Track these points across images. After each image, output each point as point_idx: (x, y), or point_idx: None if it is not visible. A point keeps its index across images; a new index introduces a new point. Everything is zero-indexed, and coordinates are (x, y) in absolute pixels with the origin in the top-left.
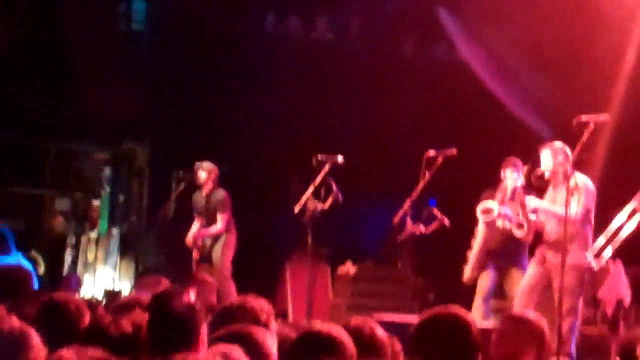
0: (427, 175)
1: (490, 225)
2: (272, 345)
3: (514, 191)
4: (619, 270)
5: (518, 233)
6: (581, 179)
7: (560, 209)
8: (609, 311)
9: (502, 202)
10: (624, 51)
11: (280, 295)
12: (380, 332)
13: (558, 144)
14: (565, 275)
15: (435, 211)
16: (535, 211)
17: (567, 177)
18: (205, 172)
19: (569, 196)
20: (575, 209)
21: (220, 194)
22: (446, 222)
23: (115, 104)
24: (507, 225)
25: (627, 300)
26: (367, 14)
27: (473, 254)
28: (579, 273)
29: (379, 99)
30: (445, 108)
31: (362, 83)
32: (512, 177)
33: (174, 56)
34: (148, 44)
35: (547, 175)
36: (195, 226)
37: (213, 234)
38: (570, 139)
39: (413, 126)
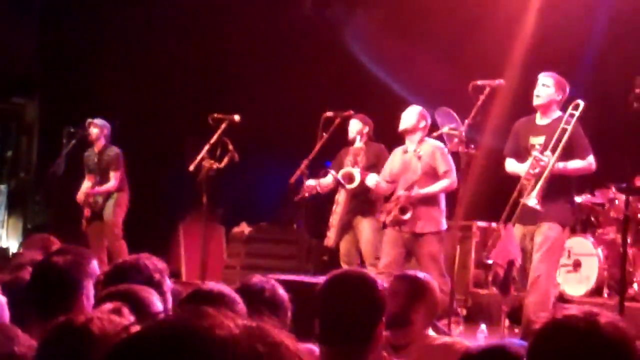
0: (324, 136)
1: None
2: (157, 303)
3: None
4: (510, 233)
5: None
6: (435, 143)
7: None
8: (501, 273)
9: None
10: (520, 17)
11: (174, 255)
12: (281, 291)
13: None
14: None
15: (332, 171)
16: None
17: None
18: (97, 128)
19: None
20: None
21: (113, 151)
22: (342, 182)
23: (4, 57)
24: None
25: (518, 261)
26: None
27: (335, 219)
28: (439, 238)
29: (276, 59)
30: (342, 69)
31: (259, 42)
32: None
33: (66, 8)
34: None
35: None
36: (87, 184)
37: (105, 191)
38: (467, 103)
39: (310, 87)
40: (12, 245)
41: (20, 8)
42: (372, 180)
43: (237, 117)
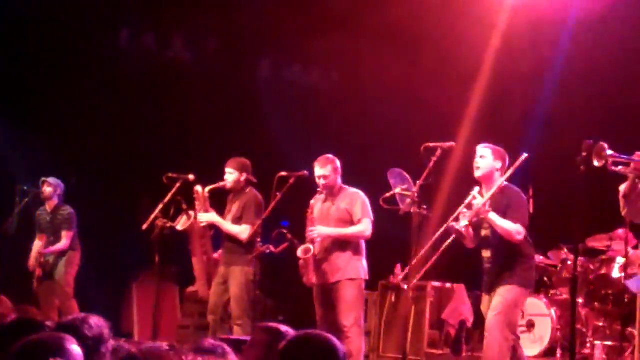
0: (278, 195)
1: None
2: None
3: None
4: (462, 293)
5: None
6: (354, 190)
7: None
8: (453, 333)
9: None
10: (472, 78)
11: (127, 315)
12: (232, 357)
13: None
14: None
15: (286, 232)
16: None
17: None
18: (51, 187)
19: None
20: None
21: (67, 210)
22: (296, 243)
23: None
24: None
25: (470, 321)
26: (224, 34)
27: None
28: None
29: (235, 120)
30: (300, 129)
31: (218, 103)
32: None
33: (20, 68)
34: None
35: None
36: (38, 244)
37: (57, 250)
38: (418, 164)
39: (266, 147)
40: None
41: None
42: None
43: (191, 177)
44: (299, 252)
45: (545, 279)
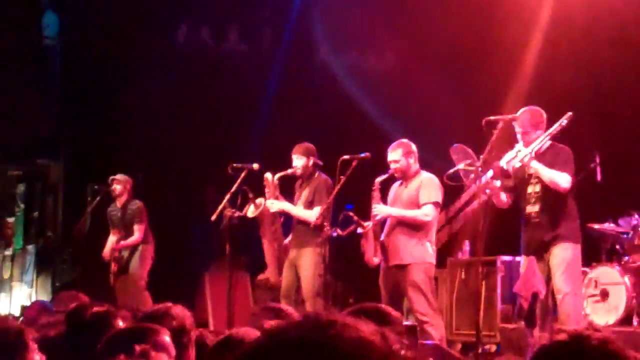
0: (342, 179)
1: None
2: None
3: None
4: (532, 265)
5: None
6: (428, 175)
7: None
8: (525, 305)
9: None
10: (524, 52)
11: (200, 305)
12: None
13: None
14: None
15: (352, 214)
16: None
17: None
18: (120, 184)
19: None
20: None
21: (136, 204)
22: (362, 224)
23: (28, 120)
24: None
25: (543, 293)
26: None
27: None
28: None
29: (291, 108)
30: (358, 112)
31: (276, 92)
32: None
33: (86, 70)
34: (60, 59)
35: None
36: (112, 239)
37: (130, 244)
38: (480, 138)
39: (326, 131)
40: None
41: (40, 73)
42: None
43: (256, 166)
44: (358, 229)
45: (617, 246)
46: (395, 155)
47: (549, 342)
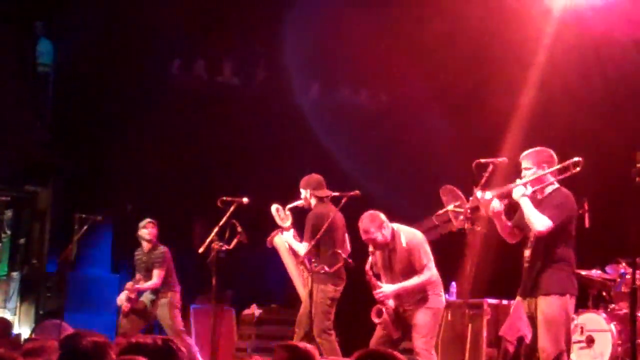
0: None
1: None
2: None
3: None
4: (519, 309)
5: None
6: (410, 236)
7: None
8: (511, 349)
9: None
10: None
11: None
12: None
13: None
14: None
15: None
16: None
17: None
18: (154, 228)
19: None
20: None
21: (160, 249)
22: (351, 262)
23: (18, 145)
24: None
25: (529, 337)
26: (273, 59)
27: None
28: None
29: (284, 143)
30: (351, 149)
31: (267, 127)
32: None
33: (79, 98)
34: (53, 86)
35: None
36: (129, 283)
37: (146, 289)
38: (470, 180)
39: (317, 168)
40: (25, 331)
41: (33, 99)
42: None
43: (245, 200)
44: (373, 315)
45: (604, 293)
46: (370, 234)
47: None
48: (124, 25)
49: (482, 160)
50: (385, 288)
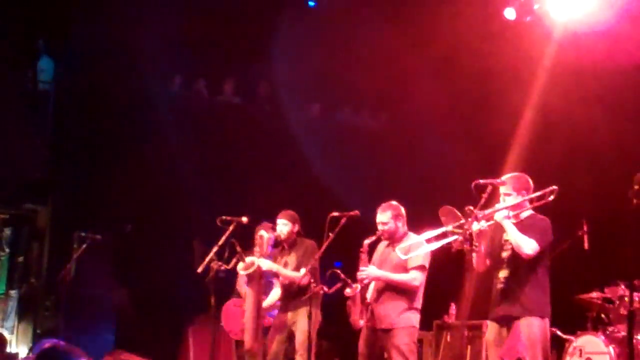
0: (331, 235)
1: None
2: None
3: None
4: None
5: None
6: (416, 238)
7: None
8: None
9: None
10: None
11: (183, 358)
12: None
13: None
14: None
15: (339, 272)
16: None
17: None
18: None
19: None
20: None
21: None
22: (349, 283)
23: (18, 163)
24: None
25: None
26: (274, 79)
27: None
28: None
29: (285, 162)
30: (351, 170)
31: (268, 146)
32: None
33: (79, 116)
34: (53, 104)
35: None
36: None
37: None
38: (469, 201)
39: (319, 188)
40: (22, 350)
41: (33, 117)
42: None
43: (245, 219)
44: (346, 291)
45: (603, 315)
46: (384, 217)
47: None
48: (124, 43)
49: (481, 181)
50: (371, 269)
